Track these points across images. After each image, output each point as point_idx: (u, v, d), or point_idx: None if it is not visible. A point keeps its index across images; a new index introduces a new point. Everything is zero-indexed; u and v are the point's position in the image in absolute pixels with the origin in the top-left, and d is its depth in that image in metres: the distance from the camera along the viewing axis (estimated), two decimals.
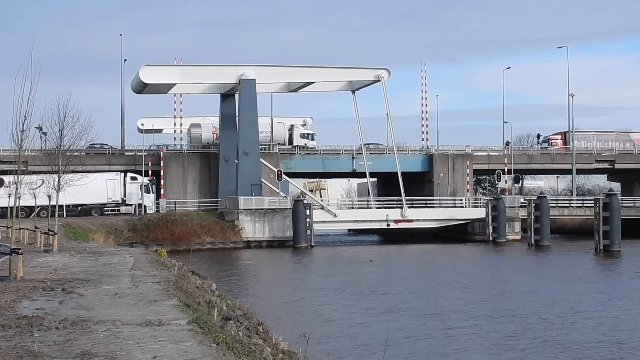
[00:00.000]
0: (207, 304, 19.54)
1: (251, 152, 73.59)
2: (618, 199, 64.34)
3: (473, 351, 23.61)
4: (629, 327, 27.52)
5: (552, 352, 23.36)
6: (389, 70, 78.91)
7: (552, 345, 24.10)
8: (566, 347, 23.84)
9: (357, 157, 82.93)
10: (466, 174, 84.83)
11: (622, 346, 24.29)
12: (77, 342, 12.54)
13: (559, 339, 25.13)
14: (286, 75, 79.83)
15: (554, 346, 24.02)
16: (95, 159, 77.56)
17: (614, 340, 25.12)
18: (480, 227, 76.50)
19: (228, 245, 67.89)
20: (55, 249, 34.21)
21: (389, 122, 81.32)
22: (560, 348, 23.79)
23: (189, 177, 79.68)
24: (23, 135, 25.19)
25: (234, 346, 13.37)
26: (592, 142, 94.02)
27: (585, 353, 23.21)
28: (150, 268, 26.80)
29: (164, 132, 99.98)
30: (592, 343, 24.61)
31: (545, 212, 69.47)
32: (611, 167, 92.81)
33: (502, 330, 26.70)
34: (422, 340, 25.16)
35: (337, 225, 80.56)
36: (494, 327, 27.28)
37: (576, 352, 23.32)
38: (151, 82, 74.96)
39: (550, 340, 24.79)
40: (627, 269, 49.62)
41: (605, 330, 27.02)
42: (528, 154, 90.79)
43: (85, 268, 26.36)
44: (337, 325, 27.47)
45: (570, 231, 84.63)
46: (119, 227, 66.11)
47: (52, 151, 45.42)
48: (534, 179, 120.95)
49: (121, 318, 14.94)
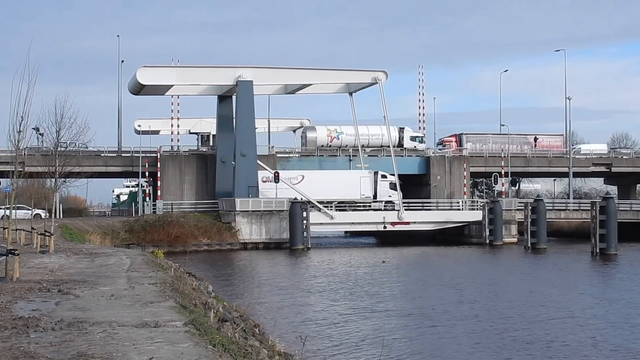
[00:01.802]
0: (204, 305, 19.53)
1: (248, 153, 73.57)
2: (615, 203, 64.42)
3: (468, 352, 23.62)
4: (622, 331, 27.52)
5: (550, 353, 23.38)
6: (386, 72, 78.95)
7: (548, 348, 24.13)
8: (563, 349, 23.88)
9: (354, 159, 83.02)
10: (463, 176, 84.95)
11: (616, 349, 24.32)
12: (74, 344, 12.53)
13: (555, 341, 25.16)
14: (283, 77, 79.85)
15: (550, 348, 24.05)
16: (92, 160, 77.54)
17: (607, 344, 25.13)
18: (477, 229, 76.60)
19: (225, 247, 67.90)
20: (52, 250, 34.18)
21: (387, 124, 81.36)
22: (560, 350, 23.82)
23: (185, 178, 79.73)
24: (20, 136, 25.20)
25: (230, 348, 13.37)
26: (489, 144, 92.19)
27: (575, 355, 23.22)
28: (146, 269, 26.78)
29: (161, 133, 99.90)
30: (585, 345, 24.63)
31: (542, 215, 69.54)
32: (608, 171, 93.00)
33: (496, 332, 26.71)
34: (418, 341, 25.17)
35: (333, 227, 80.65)
36: (489, 329, 27.29)
37: (571, 353, 23.35)
38: (148, 84, 74.94)
39: (545, 343, 24.82)
40: (623, 272, 49.66)
41: (598, 333, 27.04)
42: (525, 157, 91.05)
43: (81, 269, 26.34)
44: (333, 327, 27.47)
45: (567, 234, 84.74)
46: (115, 228, 66.11)
47: (50, 152, 45.45)
48: (531, 182, 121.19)
49: (117, 319, 14.94)
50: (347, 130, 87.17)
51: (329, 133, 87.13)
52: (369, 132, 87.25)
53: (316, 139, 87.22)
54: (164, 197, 77.64)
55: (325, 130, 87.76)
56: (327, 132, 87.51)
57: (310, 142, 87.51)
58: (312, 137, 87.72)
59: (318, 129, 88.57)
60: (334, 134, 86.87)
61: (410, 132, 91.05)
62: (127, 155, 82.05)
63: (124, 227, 67.02)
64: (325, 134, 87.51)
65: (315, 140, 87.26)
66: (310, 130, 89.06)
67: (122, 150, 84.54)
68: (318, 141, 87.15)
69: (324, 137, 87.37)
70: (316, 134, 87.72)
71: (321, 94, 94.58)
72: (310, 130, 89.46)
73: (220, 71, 77.07)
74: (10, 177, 29.04)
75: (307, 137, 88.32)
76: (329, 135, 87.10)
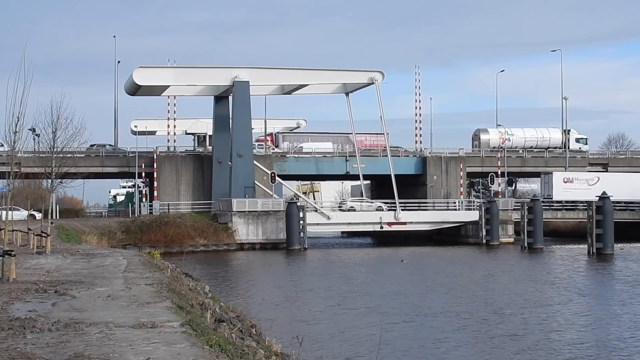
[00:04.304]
0: (200, 306, 19.52)
1: (245, 154, 73.57)
2: (611, 202, 64.45)
3: (464, 351, 23.64)
4: (618, 330, 27.57)
5: (546, 352, 23.41)
6: (382, 73, 78.98)
7: (544, 347, 24.16)
8: (560, 349, 23.92)
9: (351, 160, 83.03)
10: (459, 176, 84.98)
11: (610, 348, 24.36)
12: (70, 344, 12.52)
13: (551, 341, 25.20)
14: (280, 77, 79.85)
15: (546, 347, 24.08)
16: (89, 160, 77.51)
17: (603, 343, 25.17)
18: (473, 230, 76.63)
19: (221, 248, 67.86)
20: (48, 250, 34.11)
21: (383, 124, 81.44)
22: (555, 349, 23.86)
23: (182, 179, 79.68)
24: (16, 136, 25.14)
25: (227, 348, 13.37)
26: (307, 142, 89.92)
27: (570, 354, 23.27)
28: (143, 270, 26.75)
29: (158, 134, 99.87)
30: (578, 345, 24.67)
31: (539, 215, 69.51)
32: (604, 171, 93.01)
33: (492, 332, 26.74)
34: (415, 341, 25.18)
35: (330, 228, 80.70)
36: (485, 329, 27.31)
37: (566, 352, 23.39)
38: (145, 84, 74.90)
39: (542, 341, 24.87)
40: (619, 272, 49.70)
41: (595, 332, 27.08)
42: (521, 157, 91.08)
43: (78, 270, 26.30)
44: (330, 328, 27.48)
45: (563, 234, 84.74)
46: (112, 229, 66.08)
47: (47, 153, 45.47)
48: (527, 181, 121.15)
49: (114, 320, 14.92)
50: (517, 133, 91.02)
51: (501, 135, 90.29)
52: (537, 135, 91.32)
53: (489, 141, 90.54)
54: (160, 197, 77.58)
55: (498, 133, 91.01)
56: (499, 134, 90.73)
57: (484, 144, 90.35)
58: (485, 139, 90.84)
59: (491, 131, 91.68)
60: (505, 136, 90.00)
61: (576, 134, 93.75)
62: (124, 155, 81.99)
63: (121, 228, 66.97)
64: (497, 136, 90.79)
65: (488, 142, 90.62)
66: (484, 133, 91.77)
67: (118, 150, 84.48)
68: (491, 143, 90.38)
69: (496, 139, 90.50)
70: (489, 136, 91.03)
71: (318, 94, 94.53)
72: (483, 132, 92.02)
73: (217, 72, 77.06)
74: (7, 178, 28.99)
75: (481, 139, 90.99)
76: (501, 137, 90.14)
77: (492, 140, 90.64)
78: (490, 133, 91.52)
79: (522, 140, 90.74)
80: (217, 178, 77.60)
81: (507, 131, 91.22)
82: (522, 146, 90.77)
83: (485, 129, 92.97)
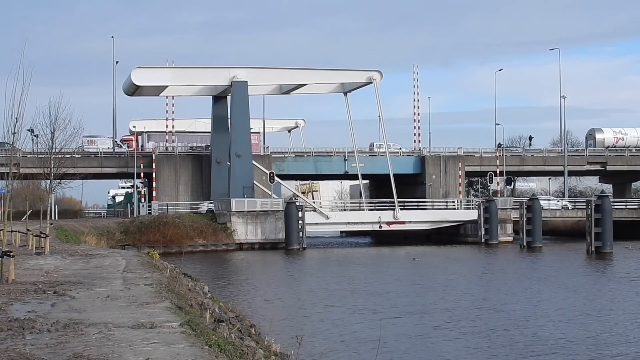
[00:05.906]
0: (200, 306, 19.52)
1: (243, 154, 73.54)
2: (610, 201, 64.51)
3: (467, 352, 23.65)
4: (615, 329, 27.59)
5: (547, 352, 23.43)
6: (381, 72, 78.98)
7: (544, 346, 24.18)
8: (558, 347, 23.95)
9: (350, 159, 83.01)
10: (458, 176, 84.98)
11: (607, 346, 24.39)
12: (69, 345, 12.52)
13: (549, 340, 25.21)
14: (278, 77, 79.85)
15: (545, 346, 24.10)
16: (87, 161, 77.45)
17: (600, 341, 25.20)
18: (472, 229, 76.61)
19: (220, 248, 67.83)
20: (47, 251, 34.09)
21: (381, 124, 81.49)
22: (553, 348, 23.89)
23: (181, 179, 79.67)
24: (15, 137, 25.15)
25: (226, 348, 13.37)
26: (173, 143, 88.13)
27: (565, 352, 23.29)
28: (142, 270, 26.75)
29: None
30: (576, 343, 24.69)
31: (537, 214, 69.51)
32: (603, 169, 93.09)
33: (492, 331, 26.76)
34: (415, 340, 25.19)
35: (329, 227, 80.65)
36: (485, 329, 27.33)
37: (561, 351, 23.42)
38: (143, 84, 74.89)
39: (541, 340, 24.89)
40: (617, 270, 49.74)
41: (591, 330, 27.11)
42: (520, 156, 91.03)
43: (77, 270, 26.29)
44: (329, 327, 27.47)
45: (562, 233, 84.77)
46: (111, 229, 66.05)
47: (45, 153, 45.39)
48: (526, 180, 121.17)
49: (113, 320, 14.92)
50: (630, 132, 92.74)
51: (615, 135, 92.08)
52: None
53: (604, 140, 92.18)
54: (159, 198, 77.57)
55: (612, 132, 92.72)
56: (613, 133, 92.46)
57: (599, 143, 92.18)
58: (600, 138, 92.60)
59: (605, 131, 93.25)
60: (619, 135, 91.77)
61: None
62: (123, 156, 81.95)
63: (120, 228, 66.94)
64: (612, 135, 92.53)
65: (603, 141, 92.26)
66: (598, 132, 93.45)
67: (117, 151, 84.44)
68: (605, 142, 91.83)
69: (610, 139, 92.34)
70: (604, 135, 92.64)
71: (316, 94, 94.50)
72: (598, 131, 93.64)
73: (215, 72, 77.03)
74: (5, 179, 28.98)
75: (596, 138, 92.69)
76: (615, 136, 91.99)
77: (607, 140, 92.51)
78: (604, 132, 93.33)
79: (635, 139, 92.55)
80: (215, 178, 77.58)
81: (620, 130, 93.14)
82: (634, 145, 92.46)
83: (600, 128, 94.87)
